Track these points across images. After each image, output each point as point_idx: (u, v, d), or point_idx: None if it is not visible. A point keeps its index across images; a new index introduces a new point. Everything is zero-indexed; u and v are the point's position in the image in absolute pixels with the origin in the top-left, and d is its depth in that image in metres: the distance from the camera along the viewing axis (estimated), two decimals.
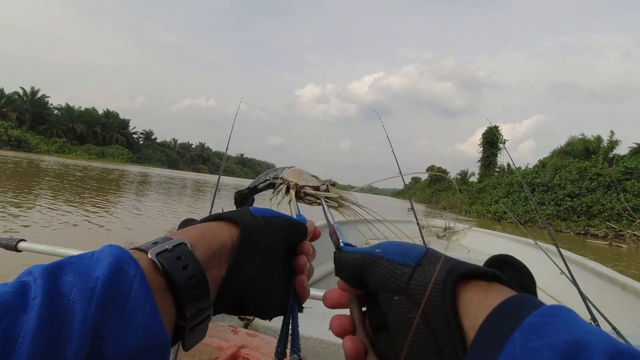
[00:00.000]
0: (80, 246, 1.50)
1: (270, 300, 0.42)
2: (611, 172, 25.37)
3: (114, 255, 0.29)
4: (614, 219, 22.77)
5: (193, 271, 0.33)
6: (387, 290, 0.32)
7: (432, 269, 0.30)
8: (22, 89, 66.98)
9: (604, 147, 31.54)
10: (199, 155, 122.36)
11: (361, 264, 0.35)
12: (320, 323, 1.84)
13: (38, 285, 0.25)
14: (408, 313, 0.30)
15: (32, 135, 63.75)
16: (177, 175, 51.49)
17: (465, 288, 0.29)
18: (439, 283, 0.29)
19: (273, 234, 0.42)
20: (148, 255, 0.32)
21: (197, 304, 0.33)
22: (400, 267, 0.32)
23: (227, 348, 1.32)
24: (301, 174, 0.64)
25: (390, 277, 0.32)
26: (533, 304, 0.25)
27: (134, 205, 11.77)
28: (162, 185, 24.76)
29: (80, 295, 0.25)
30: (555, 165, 29.84)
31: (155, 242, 0.34)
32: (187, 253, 0.34)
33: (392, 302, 0.32)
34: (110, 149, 76.71)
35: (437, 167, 69.34)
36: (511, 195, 31.54)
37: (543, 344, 0.21)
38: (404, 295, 0.31)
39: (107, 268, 0.27)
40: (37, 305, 0.23)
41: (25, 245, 1.32)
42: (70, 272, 0.27)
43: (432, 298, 0.29)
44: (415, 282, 0.30)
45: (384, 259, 0.33)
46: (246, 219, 0.41)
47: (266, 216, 0.43)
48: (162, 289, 0.31)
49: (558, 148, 34.96)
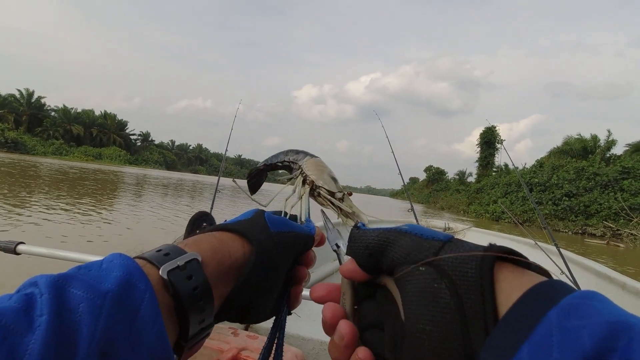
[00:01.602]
0: (79, 249, 1.50)
1: (266, 309, 0.42)
2: (608, 172, 25.46)
3: (123, 268, 0.28)
4: (611, 219, 22.84)
5: (202, 294, 0.32)
6: (411, 262, 0.30)
7: (465, 245, 0.29)
8: (18, 90, 66.84)
9: (601, 147, 31.70)
10: (197, 157, 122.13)
11: (384, 238, 0.33)
12: (319, 324, 1.84)
13: (44, 300, 0.23)
14: (434, 283, 0.28)
15: (29, 137, 63.55)
16: (177, 177, 51.38)
17: (501, 266, 0.28)
18: (475, 256, 0.28)
19: (285, 251, 0.41)
20: (159, 272, 0.30)
21: (200, 325, 0.33)
22: (430, 241, 0.31)
23: (228, 350, 1.31)
24: (322, 171, 0.60)
25: (417, 248, 0.31)
26: (569, 288, 0.24)
27: (133, 205, 11.74)
28: (159, 187, 24.70)
29: (88, 312, 0.24)
30: (552, 165, 29.93)
31: (167, 254, 0.32)
32: (197, 271, 0.32)
33: (415, 273, 0.30)
34: (107, 151, 76.34)
35: (435, 168, 69.48)
36: (509, 195, 31.60)
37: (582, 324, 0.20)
38: (431, 266, 0.29)
39: (117, 282, 0.26)
40: (43, 323, 0.22)
41: (24, 248, 1.31)
42: (79, 285, 0.25)
43: (466, 270, 0.28)
44: (445, 254, 0.29)
45: (411, 234, 0.32)
46: (261, 237, 0.39)
47: (281, 231, 0.41)
48: (168, 308, 0.30)
49: (556, 148, 35.11)
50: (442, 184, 62.53)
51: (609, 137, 31.86)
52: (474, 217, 31.81)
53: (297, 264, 0.45)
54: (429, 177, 69.09)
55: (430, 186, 65.39)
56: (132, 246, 6.25)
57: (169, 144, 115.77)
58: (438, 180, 65.85)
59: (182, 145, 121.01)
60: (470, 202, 38.17)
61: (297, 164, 0.63)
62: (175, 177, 47.10)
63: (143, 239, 7.08)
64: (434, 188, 61.71)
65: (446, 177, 67.63)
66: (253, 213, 0.43)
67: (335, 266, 3.45)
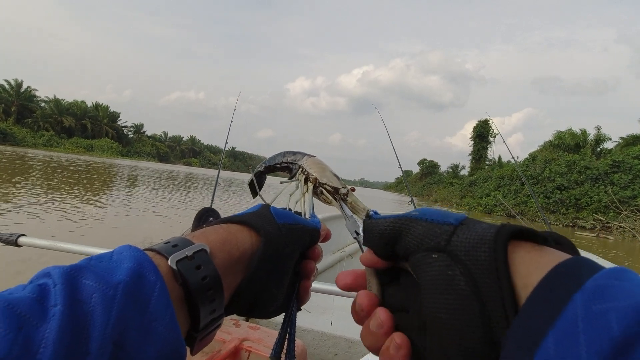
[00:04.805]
0: (81, 241, 1.50)
1: (275, 304, 0.42)
2: (599, 165, 25.77)
3: (134, 259, 0.28)
4: (601, 211, 23.20)
5: (211, 283, 0.32)
6: (424, 249, 0.30)
7: (477, 227, 0.28)
8: (6, 81, 65.51)
9: (591, 141, 32.05)
10: (190, 149, 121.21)
11: (396, 226, 0.32)
12: (320, 315, 1.86)
13: (58, 290, 0.24)
14: (448, 270, 0.27)
15: (18, 128, 62.48)
16: (171, 169, 51.03)
17: (516, 247, 0.26)
18: (487, 239, 0.27)
19: (292, 243, 0.41)
20: (168, 262, 0.30)
21: (211, 316, 0.33)
22: (441, 225, 0.30)
23: (230, 341, 1.32)
24: (324, 169, 0.60)
25: (428, 235, 0.30)
26: (594, 266, 0.23)
27: (126, 196, 11.66)
28: (153, 178, 24.52)
29: (101, 303, 0.24)
30: (545, 159, 30.22)
31: (175, 245, 0.32)
32: (206, 262, 0.33)
33: (428, 261, 0.29)
34: (99, 142, 75.27)
35: (429, 161, 69.80)
36: (502, 188, 31.89)
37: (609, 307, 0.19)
38: (444, 252, 0.28)
39: (128, 273, 0.26)
40: (57, 313, 0.22)
41: (25, 240, 1.31)
42: (91, 276, 0.25)
43: (479, 254, 0.26)
44: (457, 238, 0.28)
45: (422, 220, 0.31)
46: (269, 228, 0.40)
47: (288, 223, 0.42)
48: (179, 298, 0.30)
49: (548, 141, 35.41)
50: (436, 177, 62.91)
51: (599, 131, 32.27)
52: (467, 210, 32.11)
53: (304, 258, 0.45)
54: (423, 170, 69.45)
55: (423, 179, 65.76)
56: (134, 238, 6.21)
57: (162, 136, 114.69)
58: (431, 174, 66.26)
59: (175, 138, 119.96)
60: (463, 195, 38.50)
61: (297, 164, 0.64)
62: (173, 170, 46.80)
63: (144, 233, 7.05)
64: (428, 181, 62.07)
65: (439, 170, 68.05)
66: (259, 207, 0.44)
67: (336, 258, 3.48)
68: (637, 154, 24.62)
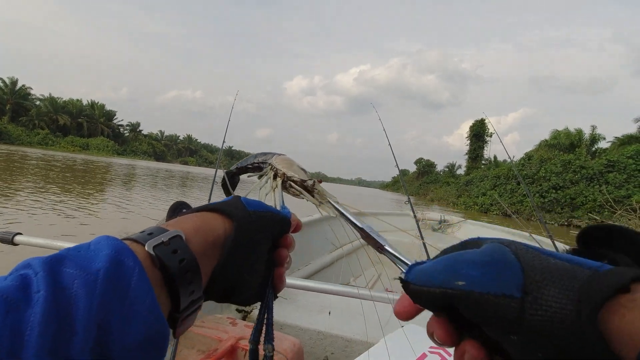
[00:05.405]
0: (77, 240, 1.50)
1: (252, 290, 0.44)
2: (594, 165, 25.95)
3: (111, 246, 0.29)
4: (596, 211, 23.30)
5: (188, 266, 0.33)
6: (494, 329, 0.25)
7: (549, 294, 0.23)
8: (1, 79, 64.88)
9: (586, 140, 32.25)
10: (186, 148, 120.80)
11: (444, 301, 0.27)
12: (316, 315, 1.86)
13: (40, 278, 0.24)
14: (535, 353, 0.23)
15: (13, 126, 61.98)
16: (168, 168, 50.86)
17: (608, 309, 0.21)
18: (568, 313, 0.22)
19: (263, 228, 0.43)
20: (145, 247, 0.32)
21: (191, 297, 0.34)
22: (502, 299, 0.25)
23: (226, 340, 1.33)
24: (291, 164, 0.64)
25: (492, 315, 0.25)
26: None
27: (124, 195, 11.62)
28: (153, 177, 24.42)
29: (83, 287, 0.25)
30: (541, 158, 30.37)
31: (150, 233, 0.34)
32: (182, 246, 0.34)
33: (507, 340, 0.25)
34: (95, 141, 74.79)
35: (425, 160, 69.95)
36: (498, 188, 32.04)
37: None
38: (520, 335, 0.24)
39: (107, 260, 0.27)
40: (41, 298, 0.23)
41: (21, 239, 1.32)
42: (70, 264, 0.26)
43: (566, 333, 0.22)
44: (532, 318, 0.23)
45: (475, 292, 0.26)
46: (240, 213, 0.41)
47: (257, 210, 0.44)
48: (158, 282, 0.32)
49: (544, 141, 35.60)
50: (432, 176, 63.09)
51: (594, 131, 32.48)
52: (463, 209, 32.24)
53: (277, 247, 0.47)
54: (419, 170, 69.58)
55: (420, 178, 65.89)
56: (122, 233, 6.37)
57: (158, 134, 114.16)
58: (428, 173, 66.39)
59: (172, 136, 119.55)
60: (459, 195, 38.63)
61: (267, 162, 0.67)
62: (173, 169, 46.65)
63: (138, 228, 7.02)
64: (424, 180, 62.23)
65: (436, 169, 68.24)
66: (231, 197, 0.46)
67: (332, 257, 3.44)
68: (631, 153, 24.79)
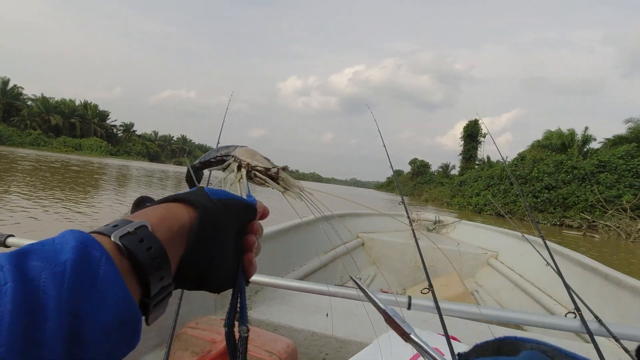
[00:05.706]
0: None
1: (223, 276, 0.44)
2: (586, 165, 26.20)
3: (77, 239, 0.29)
4: (587, 211, 23.58)
5: (156, 253, 0.34)
6: None
7: None
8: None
9: (578, 141, 32.59)
10: (180, 148, 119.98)
11: None
12: (311, 316, 1.87)
13: (7, 271, 0.25)
14: None
15: (4, 126, 61.22)
16: (162, 169, 50.50)
17: None
18: None
19: (228, 215, 0.44)
20: (111, 238, 0.32)
21: (161, 283, 0.35)
22: None
23: (220, 341, 1.33)
24: (254, 154, 0.64)
25: None
26: None
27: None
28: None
29: (51, 279, 0.26)
30: (533, 158, 30.60)
31: (116, 225, 0.34)
32: (148, 235, 0.35)
33: None
34: (87, 142, 73.97)
35: (420, 161, 70.19)
36: (491, 188, 32.21)
37: None
38: None
39: (73, 251, 0.28)
40: (9, 289, 0.24)
41: (14, 241, 1.31)
42: (36, 258, 0.27)
43: None
44: None
45: None
46: (203, 201, 0.42)
47: (221, 198, 0.44)
48: (127, 269, 0.32)
49: (537, 141, 35.89)
50: (427, 176, 63.24)
51: (586, 131, 32.84)
52: (457, 209, 32.40)
53: (245, 233, 0.48)
54: (414, 170, 69.76)
55: (414, 179, 66.03)
56: None
57: (152, 135, 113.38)
58: (422, 173, 66.56)
59: (166, 137, 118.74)
60: (453, 195, 38.78)
61: (230, 155, 0.67)
62: (169, 170, 46.30)
63: None
64: (419, 180, 62.36)
65: (430, 169, 68.47)
66: (195, 188, 0.47)
67: (326, 259, 3.41)
68: (622, 154, 25.09)
